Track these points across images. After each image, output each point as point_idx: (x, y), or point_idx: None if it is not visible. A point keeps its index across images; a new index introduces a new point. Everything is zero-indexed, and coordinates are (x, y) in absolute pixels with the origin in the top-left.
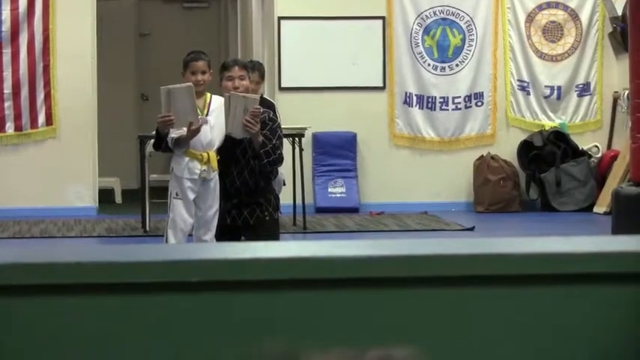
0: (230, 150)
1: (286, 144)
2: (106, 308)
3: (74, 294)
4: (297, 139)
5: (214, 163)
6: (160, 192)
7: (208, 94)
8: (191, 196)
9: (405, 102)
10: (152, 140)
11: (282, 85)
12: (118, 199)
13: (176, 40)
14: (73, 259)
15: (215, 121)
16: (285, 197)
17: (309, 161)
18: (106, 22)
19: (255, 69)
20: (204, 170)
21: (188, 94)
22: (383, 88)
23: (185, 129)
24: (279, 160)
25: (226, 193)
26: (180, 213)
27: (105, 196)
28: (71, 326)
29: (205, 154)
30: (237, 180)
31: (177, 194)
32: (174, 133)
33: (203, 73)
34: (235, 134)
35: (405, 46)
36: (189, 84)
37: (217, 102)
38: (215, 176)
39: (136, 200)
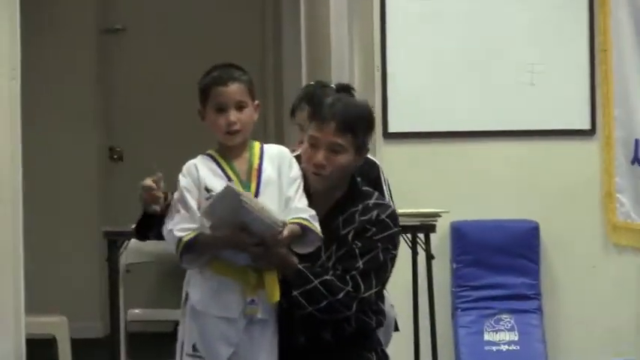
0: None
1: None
2: None
3: None
4: (420, 236)
5: (274, 290)
6: (150, 343)
7: (256, 145)
8: (225, 353)
9: (637, 160)
10: (129, 242)
11: (390, 130)
12: (66, 357)
13: (175, 40)
14: None
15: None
16: (401, 353)
17: (445, 279)
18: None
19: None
20: (253, 302)
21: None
22: (591, 132)
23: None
24: (346, 305)
25: (283, 350)
26: None
27: (39, 349)
28: None
29: (254, 273)
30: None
31: (194, 348)
32: (184, 223)
33: (239, 108)
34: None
35: (632, 49)
36: (280, 222)
37: (273, 161)
38: (273, 315)
39: None
